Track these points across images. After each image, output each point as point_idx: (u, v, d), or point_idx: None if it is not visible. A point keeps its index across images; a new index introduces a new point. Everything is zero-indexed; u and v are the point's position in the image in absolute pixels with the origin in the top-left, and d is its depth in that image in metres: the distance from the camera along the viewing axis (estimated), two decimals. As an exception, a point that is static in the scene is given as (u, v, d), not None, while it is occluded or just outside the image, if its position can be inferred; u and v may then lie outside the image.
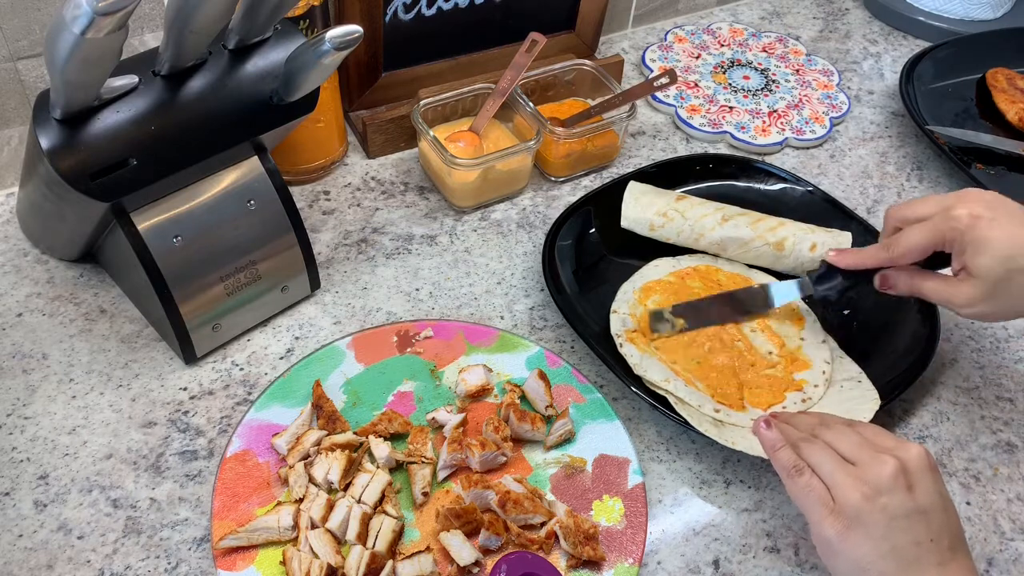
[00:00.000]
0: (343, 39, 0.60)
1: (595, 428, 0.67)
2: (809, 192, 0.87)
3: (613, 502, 0.63)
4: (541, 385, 0.68)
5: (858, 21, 1.19)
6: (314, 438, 0.63)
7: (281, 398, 0.67)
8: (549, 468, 0.65)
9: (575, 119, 0.90)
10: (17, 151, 0.81)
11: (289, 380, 0.68)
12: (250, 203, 0.69)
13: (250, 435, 0.64)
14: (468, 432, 0.66)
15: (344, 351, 0.70)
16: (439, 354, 0.71)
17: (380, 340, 0.72)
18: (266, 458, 0.64)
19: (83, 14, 0.47)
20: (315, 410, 0.66)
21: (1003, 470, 0.69)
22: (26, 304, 0.75)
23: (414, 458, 0.63)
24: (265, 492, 0.62)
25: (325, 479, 0.61)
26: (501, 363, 0.71)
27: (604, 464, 0.65)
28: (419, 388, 0.69)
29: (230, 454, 0.63)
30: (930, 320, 0.74)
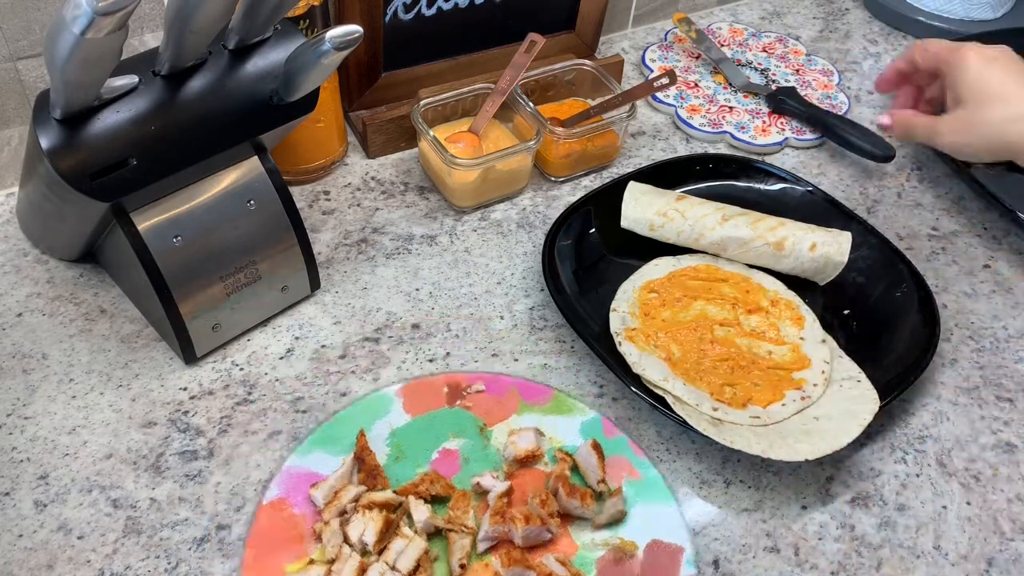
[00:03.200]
0: (343, 39, 0.60)
1: (649, 509, 0.62)
2: (809, 192, 0.87)
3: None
4: (594, 457, 0.63)
5: (858, 21, 1.19)
6: (352, 494, 0.60)
7: (324, 444, 0.64)
8: (596, 550, 0.60)
9: (575, 119, 0.90)
10: (17, 151, 0.81)
11: (334, 425, 0.65)
12: (250, 203, 0.69)
13: (289, 483, 0.62)
14: (513, 502, 0.62)
15: (392, 399, 0.67)
16: (489, 411, 0.68)
17: (430, 390, 0.68)
18: (303, 509, 0.61)
19: (83, 14, 0.47)
20: (356, 462, 0.63)
21: (1003, 470, 0.69)
22: (26, 304, 0.75)
23: (454, 526, 0.60)
24: (298, 547, 0.59)
25: (360, 540, 0.58)
26: (554, 427, 0.67)
27: (656, 551, 0.60)
28: (466, 447, 0.66)
29: (267, 501, 0.61)
30: (930, 320, 0.74)
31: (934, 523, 0.65)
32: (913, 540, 0.64)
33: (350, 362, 0.73)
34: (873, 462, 0.69)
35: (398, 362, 0.73)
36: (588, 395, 0.71)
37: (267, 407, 0.69)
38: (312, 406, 0.69)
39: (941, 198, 0.93)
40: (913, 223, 0.90)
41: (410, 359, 0.73)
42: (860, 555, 0.63)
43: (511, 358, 0.74)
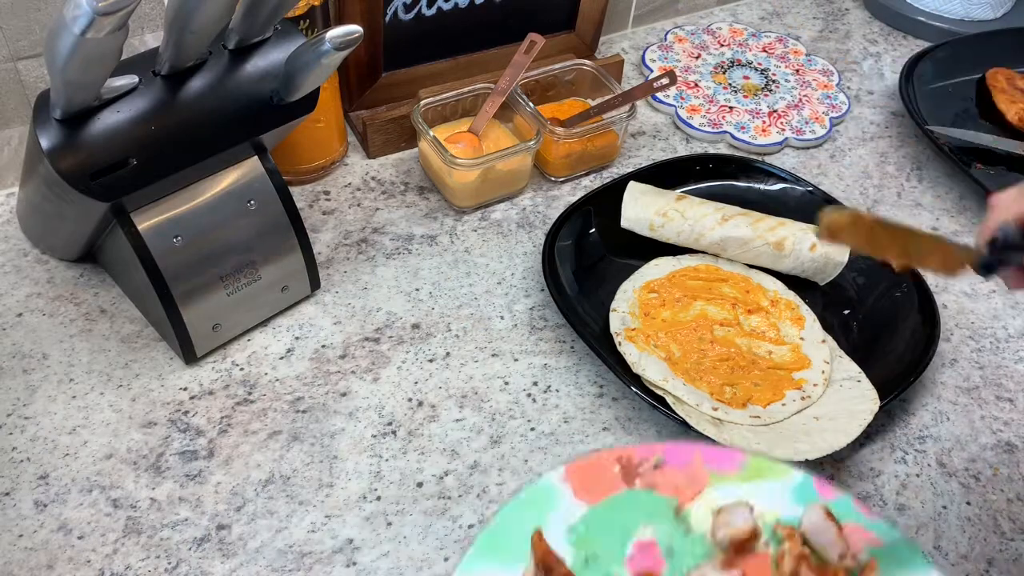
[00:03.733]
0: (343, 39, 0.60)
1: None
2: (809, 192, 0.87)
3: None
4: (831, 527, 0.49)
5: (858, 21, 1.19)
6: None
7: (491, 555, 0.50)
8: None
9: (575, 119, 0.90)
10: (17, 151, 0.81)
11: (498, 529, 0.51)
12: (250, 203, 0.69)
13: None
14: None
15: (559, 488, 0.54)
16: (678, 487, 0.55)
17: (600, 471, 0.55)
18: None
19: (83, 14, 0.47)
20: (541, 572, 0.50)
21: (1003, 470, 0.69)
22: (26, 304, 0.75)
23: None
24: None
25: None
26: (759, 496, 0.52)
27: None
28: (663, 535, 0.52)
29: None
30: (930, 320, 0.74)
31: (934, 523, 0.65)
32: (913, 540, 0.64)
33: (350, 362, 0.73)
34: (873, 462, 0.69)
35: (398, 362, 0.73)
36: (588, 395, 0.71)
37: (267, 407, 0.69)
38: (312, 406, 0.69)
39: (941, 198, 0.93)
40: (913, 223, 0.90)
41: (410, 359, 0.73)
42: (860, 555, 0.63)
43: (511, 358, 0.74)
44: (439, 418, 0.69)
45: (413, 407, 0.70)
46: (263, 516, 0.63)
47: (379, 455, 0.67)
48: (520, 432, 0.69)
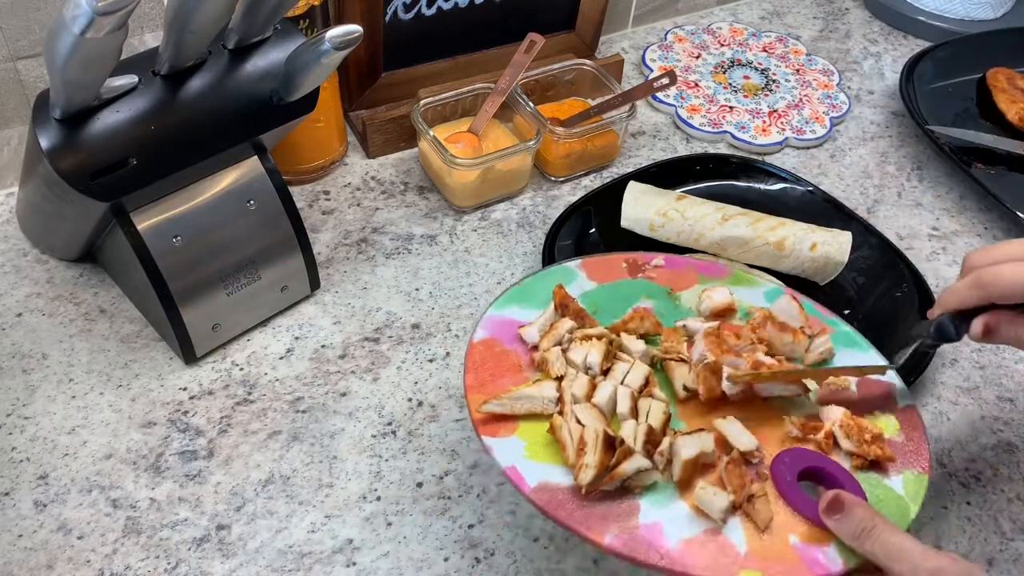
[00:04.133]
0: (343, 39, 0.60)
1: (850, 355, 0.64)
2: (809, 192, 0.87)
3: (887, 418, 0.60)
4: (794, 307, 0.65)
5: (858, 21, 1.19)
6: (567, 326, 0.61)
7: (519, 301, 0.64)
8: (812, 385, 0.62)
9: (575, 119, 0.90)
10: (17, 151, 0.81)
11: (524, 288, 0.65)
12: (250, 203, 0.69)
13: (494, 327, 0.62)
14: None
15: (575, 270, 0.67)
16: (672, 280, 0.69)
17: (610, 265, 0.69)
18: (512, 346, 0.61)
19: (83, 14, 0.47)
20: (560, 310, 0.63)
21: (1003, 470, 0.69)
22: (26, 304, 0.75)
23: (671, 355, 0.61)
24: (517, 375, 0.60)
25: (584, 363, 0.59)
26: (739, 295, 0.67)
27: (867, 386, 0.62)
28: (658, 306, 0.66)
29: (476, 339, 0.61)
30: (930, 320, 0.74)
31: (934, 523, 0.65)
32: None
33: (350, 362, 0.73)
34: (873, 462, 0.69)
35: (398, 362, 0.73)
36: (588, 395, 0.71)
37: (267, 407, 0.69)
38: (312, 406, 0.69)
39: (941, 198, 0.93)
40: (913, 223, 0.90)
41: (410, 359, 0.73)
42: (860, 555, 0.63)
43: (511, 358, 0.74)
44: (439, 418, 0.69)
45: (413, 407, 0.70)
46: (263, 516, 0.63)
47: (379, 455, 0.67)
48: (520, 432, 0.69)
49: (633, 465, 0.52)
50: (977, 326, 0.59)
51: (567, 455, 0.54)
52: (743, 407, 0.59)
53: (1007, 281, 0.57)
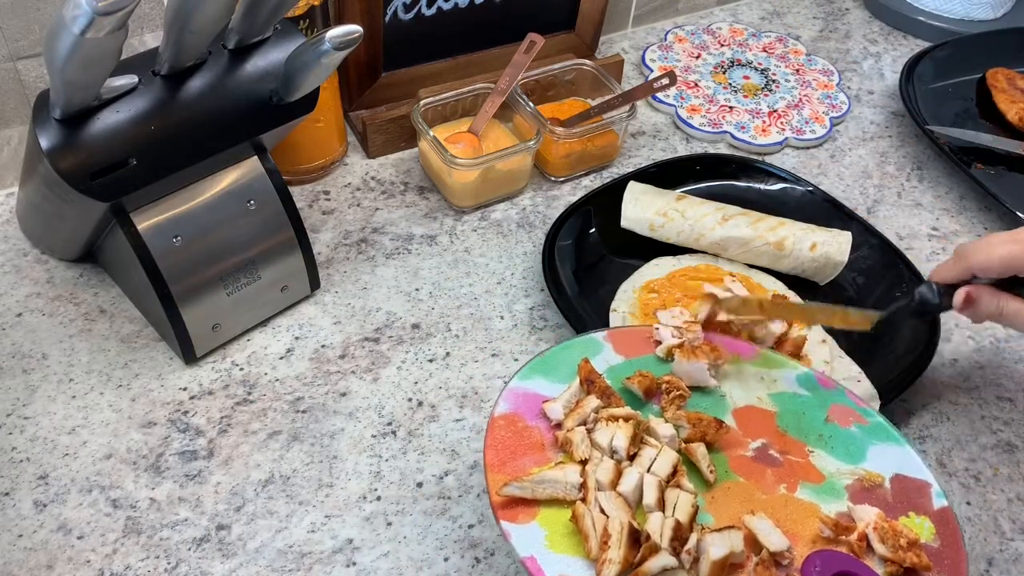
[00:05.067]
0: (343, 39, 0.60)
1: (884, 450, 0.61)
2: (809, 192, 0.87)
3: (921, 520, 0.57)
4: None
5: (858, 21, 1.19)
6: (593, 405, 0.59)
7: (543, 373, 0.62)
8: (843, 478, 0.60)
9: (575, 119, 0.90)
10: (17, 151, 0.81)
11: (549, 359, 0.63)
12: (250, 203, 0.69)
13: (517, 400, 0.60)
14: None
15: (601, 342, 0.65)
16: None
17: (636, 337, 0.66)
18: (535, 422, 0.59)
19: (83, 14, 0.47)
20: (585, 386, 0.61)
21: (1003, 470, 0.69)
22: (26, 304, 0.75)
23: (693, 441, 0.59)
24: (539, 454, 0.57)
25: (610, 446, 0.56)
26: (770, 376, 0.66)
27: (903, 484, 0.59)
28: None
29: (497, 413, 0.59)
30: (930, 320, 0.74)
31: (934, 523, 0.65)
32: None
33: (350, 362, 0.73)
34: (873, 462, 0.69)
35: (398, 362, 0.73)
36: (588, 395, 0.71)
37: (267, 407, 0.69)
38: (312, 406, 0.69)
39: (941, 198, 0.93)
40: (913, 223, 0.90)
41: (410, 359, 0.73)
42: (860, 555, 0.63)
43: (511, 358, 0.74)
44: (439, 418, 0.69)
45: (413, 407, 0.70)
46: (263, 516, 0.63)
47: (379, 455, 0.67)
48: (520, 432, 0.69)
49: (659, 563, 0.50)
50: (959, 296, 0.62)
51: (589, 547, 0.51)
52: (773, 505, 0.57)
53: (984, 253, 0.61)
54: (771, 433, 0.62)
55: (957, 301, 0.63)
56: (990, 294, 0.62)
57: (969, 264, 0.62)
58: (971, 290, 0.63)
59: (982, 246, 0.62)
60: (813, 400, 0.64)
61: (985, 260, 0.61)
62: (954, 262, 0.64)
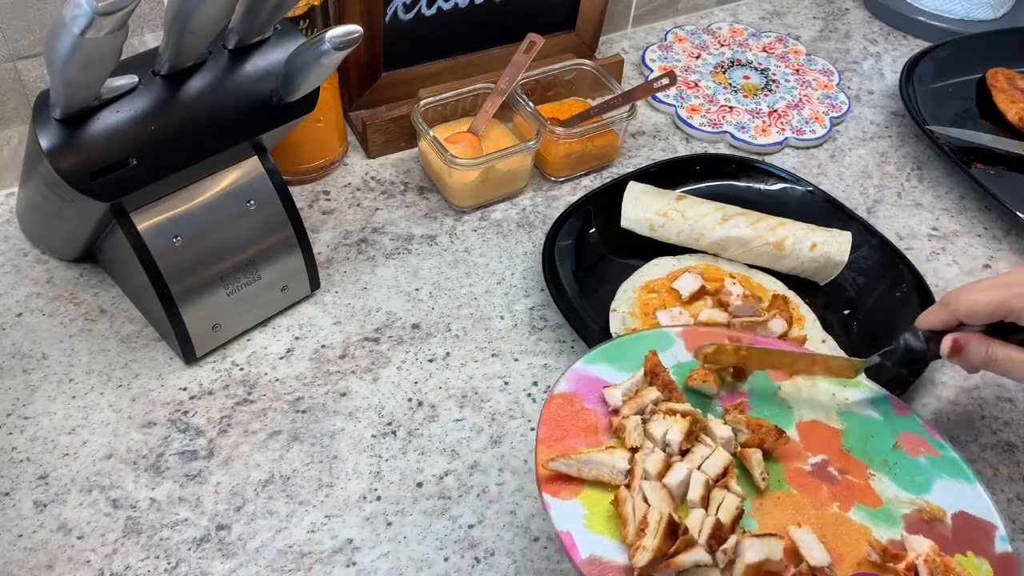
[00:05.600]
0: (343, 39, 0.60)
1: (951, 486, 0.60)
2: (809, 192, 0.87)
3: (979, 562, 0.55)
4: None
5: (858, 21, 1.19)
6: (653, 396, 0.58)
7: (610, 360, 0.62)
8: (902, 507, 0.58)
9: (575, 119, 0.90)
10: (17, 151, 0.81)
11: (618, 347, 0.63)
12: (250, 203, 0.69)
13: (578, 382, 0.60)
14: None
15: (674, 338, 0.65)
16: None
17: (710, 337, 0.65)
18: (593, 406, 0.59)
19: (83, 14, 0.47)
20: (649, 377, 0.61)
21: (1003, 470, 0.69)
22: (26, 304, 0.75)
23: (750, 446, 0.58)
24: (592, 437, 0.57)
25: (663, 439, 0.56)
26: (843, 394, 0.65)
27: (966, 522, 0.58)
28: (754, 392, 0.63)
29: (557, 392, 0.59)
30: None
31: (934, 523, 0.65)
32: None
33: (350, 362, 0.73)
34: (873, 462, 0.69)
35: (398, 362, 0.73)
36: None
37: (267, 407, 0.69)
38: (312, 406, 0.69)
39: (941, 198, 0.93)
40: (913, 223, 0.90)
41: (410, 359, 0.73)
42: (860, 555, 0.63)
43: (511, 358, 0.74)
44: (439, 418, 0.69)
45: (413, 407, 0.70)
46: (263, 516, 0.63)
47: (379, 455, 0.67)
48: (520, 432, 0.69)
49: (692, 557, 0.50)
50: (946, 342, 0.61)
51: (627, 531, 0.51)
52: (823, 521, 0.56)
53: (971, 300, 0.60)
54: (834, 451, 0.61)
55: (944, 348, 0.61)
56: (979, 340, 0.60)
57: (955, 309, 0.61)
58: (959, 337, 0.61)
59: (968, 292, 0.61)
60: (884, 425, 0.63)
61: (971, 306, 0.60)
62: (940, 308, 0.62)
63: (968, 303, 0.60)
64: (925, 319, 0.63)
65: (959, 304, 0.61)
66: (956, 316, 0.61)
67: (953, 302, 0.61)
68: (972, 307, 0.60)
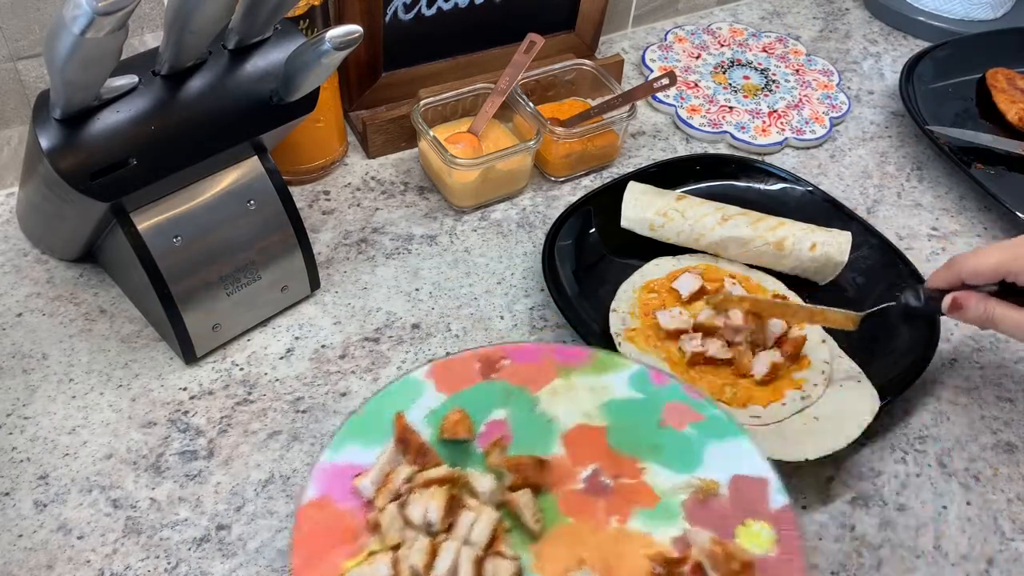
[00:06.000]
0: (343, 39, 0.60)
1: (722, 448, 0.59)
2: (809, 192, 0.87)
3: (759, 527, 0.55)
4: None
5: (858, 21, 1.19)
6: (405, 474, 0.55)
7: (357, 437, 0.59)
8: (679, 494, 0.57)
9: (575, 119, 0.90)
10: (17, 151, 0.81)
11: (364, 417, 0.60)
12: (250, 203, 0.69)
13: (326, 479, 0.56)
14: None
15: (422, 381, 0.62)
16: (530, 378, 0.63)
17: (461, 367, 0.63)
18: (348, 504, 0.56)
19: (83, 14, 0.47)
20: (400, 446, 0.58)
21: (1003, 470, 0.69)
22: (26, 304, 0.75)
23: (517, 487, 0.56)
24: (351, 543, 0.54)
25: (423, 520, 0.53)
26: (600, 384, 0.63)
27: (740, 486, 0.57)
28: (516, 416, 0.61)
29: (305, 501, 0.55)
30: (930, 320, 0.74)
31: (934, 523, 0.65)
32: (913, 540, 0.64)
33: (350, 362, 0.73)
34: (873, 462, 0.69)
35: (398, 362, 0.73)
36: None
37: (267, 407, 0.69)
38: (312, 406, 0.69)
39: (941, 198, 0.93)
40: (913, 223, 0.90)
41: (410, 359, 0.73)
42: (860, 555, 0.63)
43: (511, 358, 0.74)
44: (439, 418, 0.69)
45: (413, 407, 0.70)
46: (263, 516, 0.63)
47: (379, 455, 0.67)
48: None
49: None
50: (947, 299, 0.66)
51: None
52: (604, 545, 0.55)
53: (974, 261, 0.64)
54: (602, 454, 0.59)
55: (945, 304, 0.66)
56: (978, 299, 0.64)
57: (960, 270, 0.65)
58: (959, 295, 0.65)
59: (974, 255, 0.65)
60: (646, 403, 0.62)
61: (975, 267, 0.64)
62: (946, 269, 0.66)
63: (972, 264, 0.64)
64: (933, 279, 0.68)
65: (964, 265, 0.65)
66: (960, 277, 0.65)
67: (958, 263, 0.66)
68: (976, 268, 0.64)
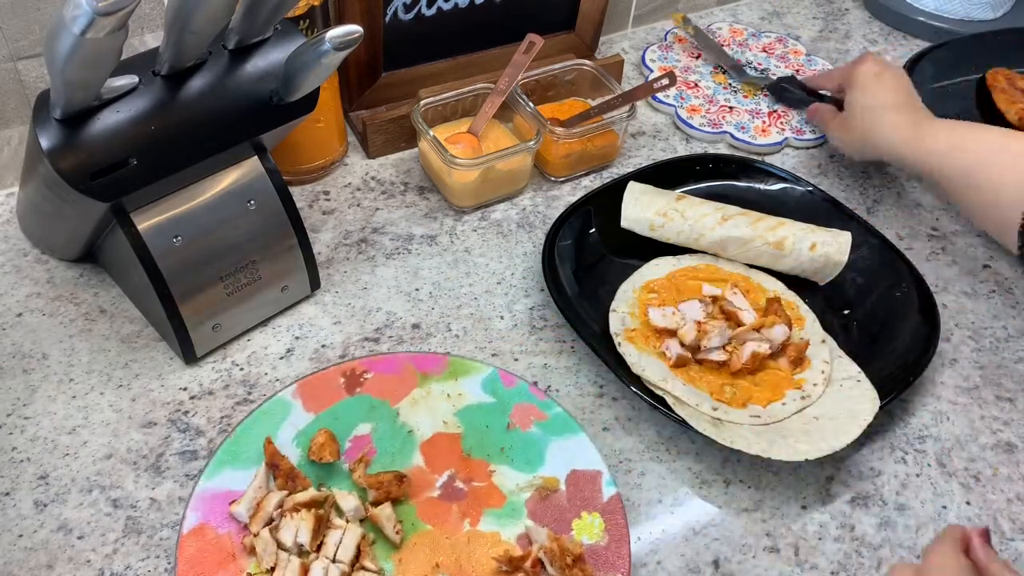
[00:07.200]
0: (343, 39, 0.60)
1: (562, 444, 0.65)
2: (809, 192, 0.87)
3: (592, 518, 0.61)
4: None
5: (858, 21, 1.19)
6: (275, 500, 0.59)
7: (231, 462, 0.62)
8: (523, 493, 0.63)
9: (575, 119, 0.90)
10: (17, 151, 0.81)
11: (236, 441, 0.63)
12: (250, 203, 0.69)
13: (204, 507, 0.60)
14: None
15: (290, 401, 0.66)
16: (390, 389, 0.68)
17: (326, 384, 0.67)
18: (226, 528, 0.59)
19: (83, 14, 0.47)
20: (271, 469, 0.62)
21: (1003, 470, 0.69)
22: (26, 304, 0.75)
23: (379, 500, 0.61)
24: (232, 566, 0.57)
25: (295, 543, 0.57)
26: (457, 390, 0.68)
27: (577, 480, 0.63)
28: (379, 429, 0.66)
29: (186, 530, 0.58)
30: (930, 320, 0.74)
31: (934, 523, 0.65)
32: (913, 540, 0.64)
33: (350, 362, 0.73)
34: (873, 462, 0.69)
35: (398, 362, 0.73)
36: (588, 395, 0.71)
37: (267, 407, 0.69)
38: (312, 406, 0.69)
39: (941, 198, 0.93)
40: (913, 223, 0.90)
41: (410, 359, 0.73)
42: (860, 555, 0.63)
43: (511, 358, 0.74)
44: (439, 418, 0.69)
45: (413, 407, 0.70)
46: (263, 516, 0.63)
47: (379, 455, 0.67)
48: (520, 432, 0.69)
49: None
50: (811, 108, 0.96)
51: None
52: (458, 547, 0.60)
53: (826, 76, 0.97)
54: (457, 460, 0.64)
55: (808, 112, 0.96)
56: (825, 110, 0.92)
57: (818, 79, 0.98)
58: (816, 106, 0.95)
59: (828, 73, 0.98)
60: (496, 407, 0.67)
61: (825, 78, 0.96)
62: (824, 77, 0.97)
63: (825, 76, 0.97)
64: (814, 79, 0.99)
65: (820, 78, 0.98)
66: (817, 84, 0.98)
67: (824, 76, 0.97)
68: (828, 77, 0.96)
